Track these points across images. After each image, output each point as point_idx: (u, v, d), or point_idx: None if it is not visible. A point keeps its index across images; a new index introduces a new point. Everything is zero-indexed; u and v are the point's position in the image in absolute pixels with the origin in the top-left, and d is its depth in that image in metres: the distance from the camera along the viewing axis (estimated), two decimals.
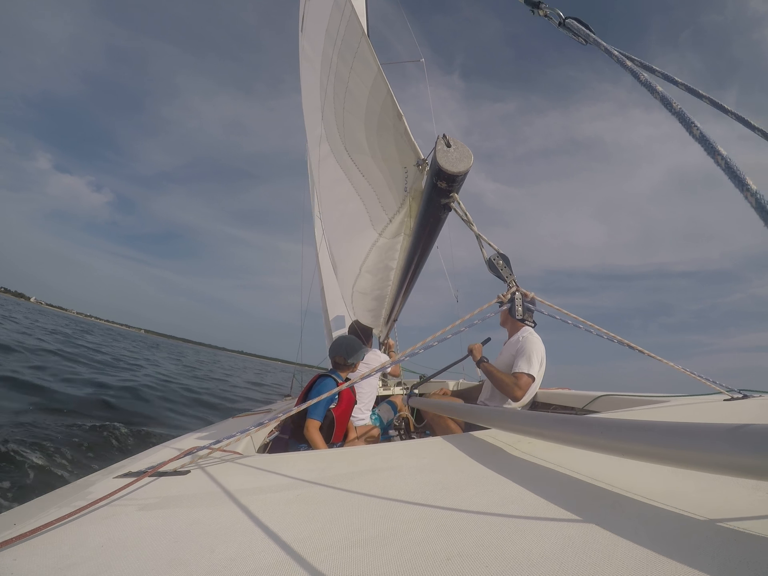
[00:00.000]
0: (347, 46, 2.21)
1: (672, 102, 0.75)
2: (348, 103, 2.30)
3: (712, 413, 1.77)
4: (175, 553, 0.74)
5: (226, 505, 0.97)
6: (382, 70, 1.95)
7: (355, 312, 4.36)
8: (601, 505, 0.81)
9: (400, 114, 1.91)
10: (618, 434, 0.84)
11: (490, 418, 1.52)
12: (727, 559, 0.59)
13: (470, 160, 1.64)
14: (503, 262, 1.63)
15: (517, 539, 0.69)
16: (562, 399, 3.17)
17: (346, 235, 3.27)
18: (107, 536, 0.83)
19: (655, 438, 0.76)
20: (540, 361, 2.71)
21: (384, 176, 2.22)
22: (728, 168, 0.62)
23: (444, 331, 1.54)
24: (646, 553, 0.62)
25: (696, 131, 0.69)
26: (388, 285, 3.36)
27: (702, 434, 0.68)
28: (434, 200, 1.82)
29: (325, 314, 6.99)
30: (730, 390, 1.96)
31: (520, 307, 1.56)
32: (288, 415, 1.51)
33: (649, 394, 2.51)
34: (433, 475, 1.08)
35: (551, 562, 0.61)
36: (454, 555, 0.66)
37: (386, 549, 0.70)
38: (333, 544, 0.73)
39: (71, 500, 1.06)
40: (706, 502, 0.79)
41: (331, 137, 2.73)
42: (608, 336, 1.67)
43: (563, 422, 1.04)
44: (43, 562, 0.74)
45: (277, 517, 0.88)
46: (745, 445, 0.60)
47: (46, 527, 0.86)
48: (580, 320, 1.63)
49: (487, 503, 0.87)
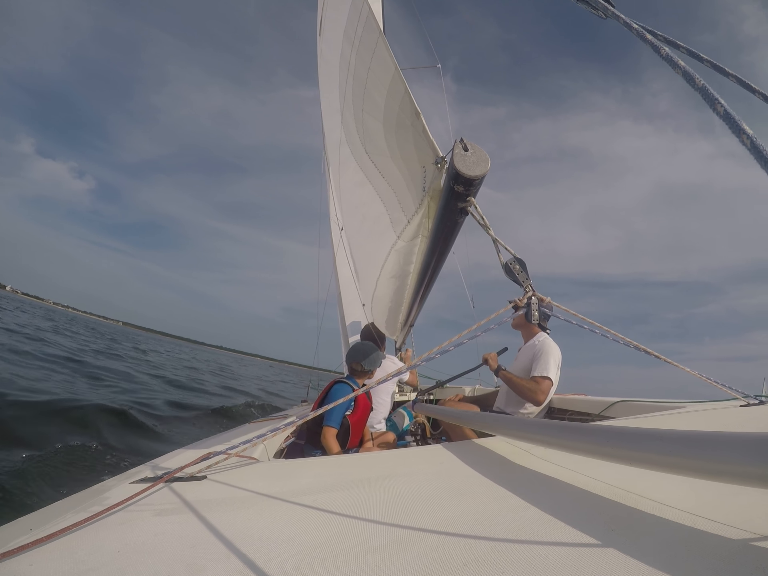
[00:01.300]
0: (365, 46, 2.22)
1: (695, 77, 0.71)
2: (367, 105, 2.31)
3: (730, 419, 1.74)
4: (191, 558, 0.74)
5: (242, 510, 0.97)
6: (399, 68, 1.95)
7: (373, 317, 4.36)
8: (618, 511, 0.80)
9: (418, 112, 1.90)
10: (625, 443, 0.82)
11: (496, 426, 1.51)
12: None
13: (488, 164, 1.62)
14: (520, 267, 1.62)
15: (533, 545, 0.69)
16: (578, 405, 3.13)
17: (367, 239, 3.29)
18: (123, 542, 0.83)
19: (667, 447, 0.73)
20: (557, 366, 2.70)
21: (403, 176, 2.21)
22: (754, 148, 0.58)
23: (460, 335, 1.55)
24: (665, 562, 0.60)
25: (720, 108, 0.64)
26: (405, 289, 3.35)
27: (719, 443, 0.65)
28: (451, 204, 1.81)
29: (341, 320, 7.00)
30: (747, 396, 1.93)
31: (536, 312, 1.56)
32: (304, 420, 1.51)
33: (665, 400, 2.50)
34: (449, 481, 1.08)
35: (569, 569, 0.60)
36: (470, 561, 0.65)
37: (402, 555, 0.69)
38: (349, 550, 0.73)
39: (87, 505, 1.06)
40: (719, 509, 0.77)
41: (351, 140, 2.75)
42: (624, 341, 1.67)
43: (569, 430, 1.01)
44: (59, 567, 0.74)
45: (293, 522, 0.88)
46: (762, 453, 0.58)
47: (62, 532, 0.86)
48: (597, 325, 1.63)
49: (502, 509, 0.86)
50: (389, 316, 3.93)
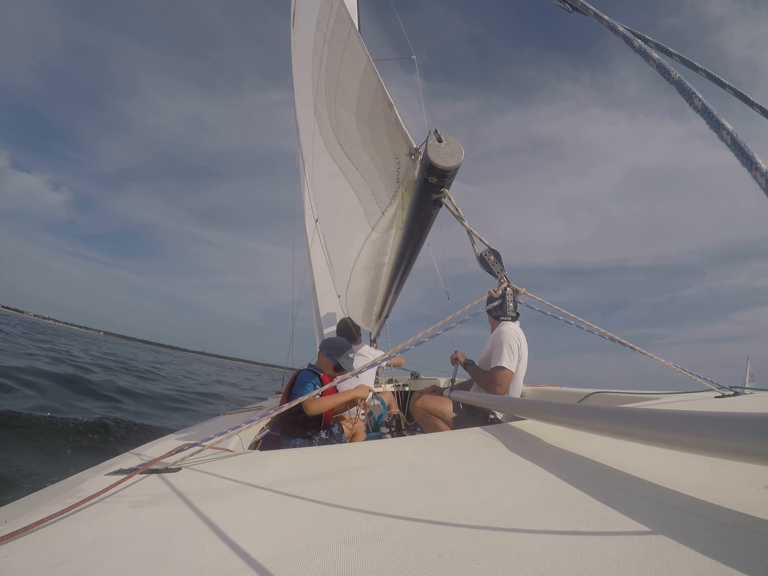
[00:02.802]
0: (337, 38, 2.20)
1: (670, 70, 0.68)
2: (339, 96, 2.29)
3: (705, 409, 1.75)
4: (166, 550, 0.74)
5: (217, 502, 0.97)
6: (371, 60, 1.94)
7: (348, 309, 4.35)
8: (594, 500, 0.81)
9: (391, 103, 1.90)
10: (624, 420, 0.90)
11: (534, 411, 1.51)
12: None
13: (461, 156, 1.63)
14: (494, 258, 1.63)
15: (508, 536, 0.69)
16: (552, 396, 3.19)
17: (341, 230, 3.28)
18: (98, 533, 0.83)
19: (668, 425, 0.79)
20: (515, 351, 2.68)
21: (377, 168, 2.21)
22: (734, 144, 0.56)
23: (435, 327, 1.55)
24: (640, 550, 0.61)
25: (698, 102, 0.62)
26: (380, 281, 3.36)
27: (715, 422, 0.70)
28: (425, 196, 1.82)
29: (316, 312, 6.95)
30: (722, 387, 1.96)
31: (511, 303, 1.56)
32: (278, 412, 1.52)
33: (640, 392, 2.53)
34: (424, 472, 1.08)
35: (542, 559, 0.61)
36: (445, 552, 0.65)
37: (377, 546, 0.70)
38: (324, 542, 0.73)
39: (62, 498, 1.05)
40: (700, 481, 0.81)
41: (325, 132, 2.72)
42: (599, 332, 1.68)
43: (610, 413, 1.03)
44: (35, 559, 0.74)
45: (268, 514, 0.88)
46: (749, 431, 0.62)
47: (37, 525, 0.86)
48: (571, 316, 1.64)
49: (478, 500, 0.86)
50: (365, 307, 3.93)
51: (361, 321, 4.36)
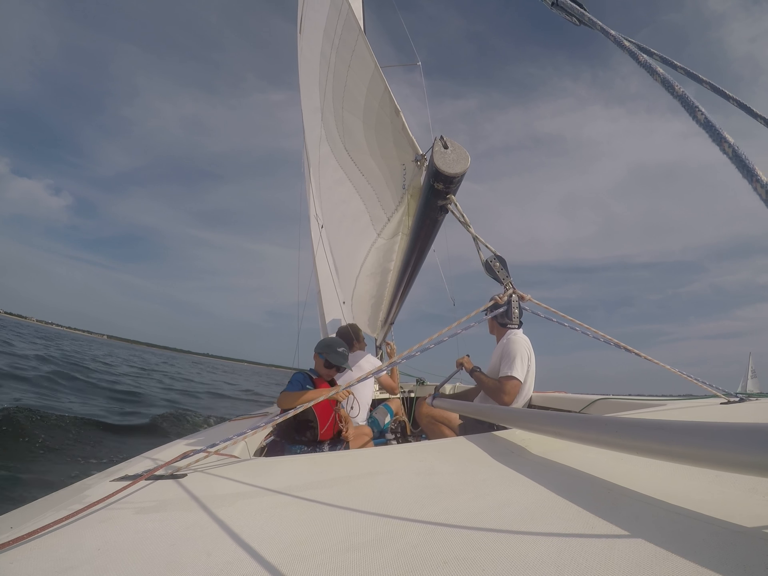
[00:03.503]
0: (345, 44, 2.22)
1: (674, 85, 0.70)
2: (347, 102, 2.30)
3: (710, 417, 1.74)
4: (172, 556, 0.74)
5: (222, 508, 0.96)
6: (379, 66, 1.95)
7: (354, 315, 4.34)
8: (599, 506, 0.80)
9: (397, 110, 1.91)
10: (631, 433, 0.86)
11: (514, 419, 1.50)
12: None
13: (467, 162, 1.64)
14: (500, 264, 1.62)
15: (514, 543, 0.69)
16: (558, 402, 3.16)
17: (347, 236, 3.28)
18: (104, 540, 0.83)
19: (669, 437, 0.76)
20: (525, 362, 2.69)
21: (383, 174, 2.22)
22: (736, 156, 0.57)
23: (440, 333, 1.54)
24: (646, 556, 0.60)
25: (701, 116, 0.63)
26: (386, 287, 3.35)
27: (716, 433, 0.68)
28: (431, 202, 1.82)
29: (321, 318, 6.95)
30: (727, 393, 1.94)
31: (516, 309, 1.56)
32: (284, 418, 1.51)
33: (646, 397, 2.51)
34: (430, 479, 1.08)
35: (548, 566, 0.60)
36: (450, 559, 0.65)
37: (382, 552, 0.69)
38: (329, 548, 0.73)
39: (68, 503, 1.05)
40: (714, 501, 0.78)
41: (331, 138, 2.74)
42: (605, 339, 1.67)
43: (600, 423, 1.01)
44: (40, 565, 0.73)
45: (274, 520, 0.88)
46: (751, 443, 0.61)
47: (43, 530, 0.86)
48: (576, 323, 1.63)
49: (483, 507, 0.86)
50: (371, 313, 3.93)
51: (366, 327, 4.35)
